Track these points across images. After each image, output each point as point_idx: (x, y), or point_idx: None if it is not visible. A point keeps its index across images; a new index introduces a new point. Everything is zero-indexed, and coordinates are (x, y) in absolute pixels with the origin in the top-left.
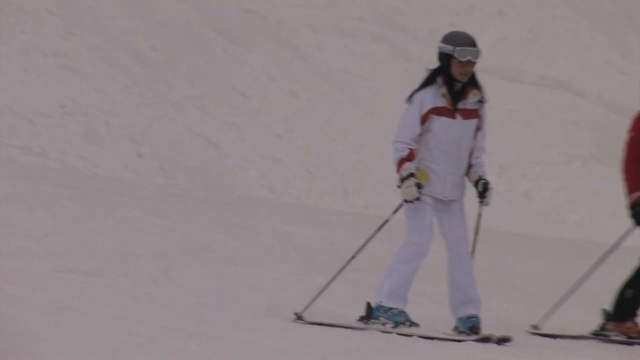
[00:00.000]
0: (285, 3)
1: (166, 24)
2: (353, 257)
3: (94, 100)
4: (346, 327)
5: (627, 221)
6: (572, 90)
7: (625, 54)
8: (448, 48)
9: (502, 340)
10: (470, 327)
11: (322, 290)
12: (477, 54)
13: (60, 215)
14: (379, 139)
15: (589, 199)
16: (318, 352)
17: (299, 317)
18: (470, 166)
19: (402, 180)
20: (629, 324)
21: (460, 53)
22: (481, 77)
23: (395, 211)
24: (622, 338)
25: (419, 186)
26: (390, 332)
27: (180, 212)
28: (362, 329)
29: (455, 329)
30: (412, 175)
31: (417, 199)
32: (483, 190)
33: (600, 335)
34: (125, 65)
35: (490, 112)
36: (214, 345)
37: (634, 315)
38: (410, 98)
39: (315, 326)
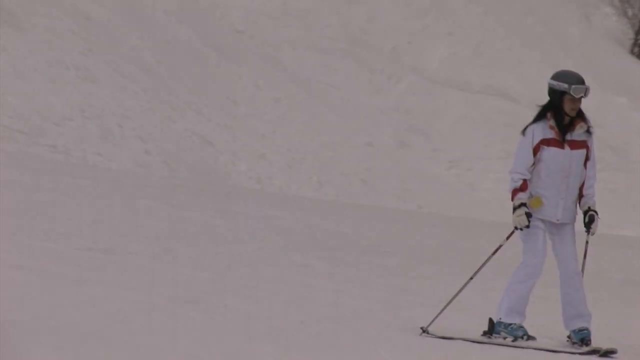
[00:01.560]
0: (269, 24)
1: (170, 41)
2: (478, 270)
3: (108, 106)
4: (471, 341)
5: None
6: (510, 98)
7: (554, 67)
8: (563, 86)
9: (609, 352)
10: (581, 339)
11: (445, 306)
12: (588, 91)
13: (80, 202)
14: (348, 138)
15: None
16: (296, 318)
17: (425, 331)
18: (582, 196)
19: (515, 209)
20: None
21: (575, 90)
22: (433, 87)
23: (508, 237)
24: None
25: (528, 215)
26: (511, 346)
27: (181, 200)
28: (485, 343)
29: (569, 339)
30: (523, 204)
31: (527, 226)
32: (589, 221)
33: None
34: (135, 76)
35: (441, 116)
36: (209, 311)
37: None
38: (523, 131)
39: (296, 296)
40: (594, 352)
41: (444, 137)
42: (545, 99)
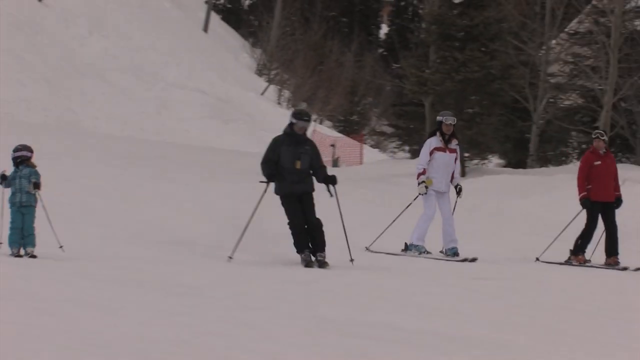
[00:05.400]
0: (102, 58)
1: (70, 66)
2: (397, 217)
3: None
4: (394, 254)
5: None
6: (207, 94)
7: (226, 81)
8: (441, 118)
9: (473, 260)
10: (454, 254)
11: (380, 234)
12: (454, 120)
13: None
14: (144, 109)
15: (227, 131)
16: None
17: (367, 249)
18: (452, 178)
19: (419, 184)
20: (580, 256)
21: (446, 120)
22: (171, 88)
23: (415, 199)
24: (578, 264)
25: (426, 187)
26: (418, 257)
27: (72, 137)
28: (403, 255)
29: (445, 253)
30: (423, 182)
31: (425, 193)
32: (458, 191)
33: (567, 263)
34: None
35: (177, 101)
36: (89, 195)
37: (583, 252)
38: (424, 142)
39: (125, 190)
40: (465, 260)
41: (180, 111)
42: (223, 92)
